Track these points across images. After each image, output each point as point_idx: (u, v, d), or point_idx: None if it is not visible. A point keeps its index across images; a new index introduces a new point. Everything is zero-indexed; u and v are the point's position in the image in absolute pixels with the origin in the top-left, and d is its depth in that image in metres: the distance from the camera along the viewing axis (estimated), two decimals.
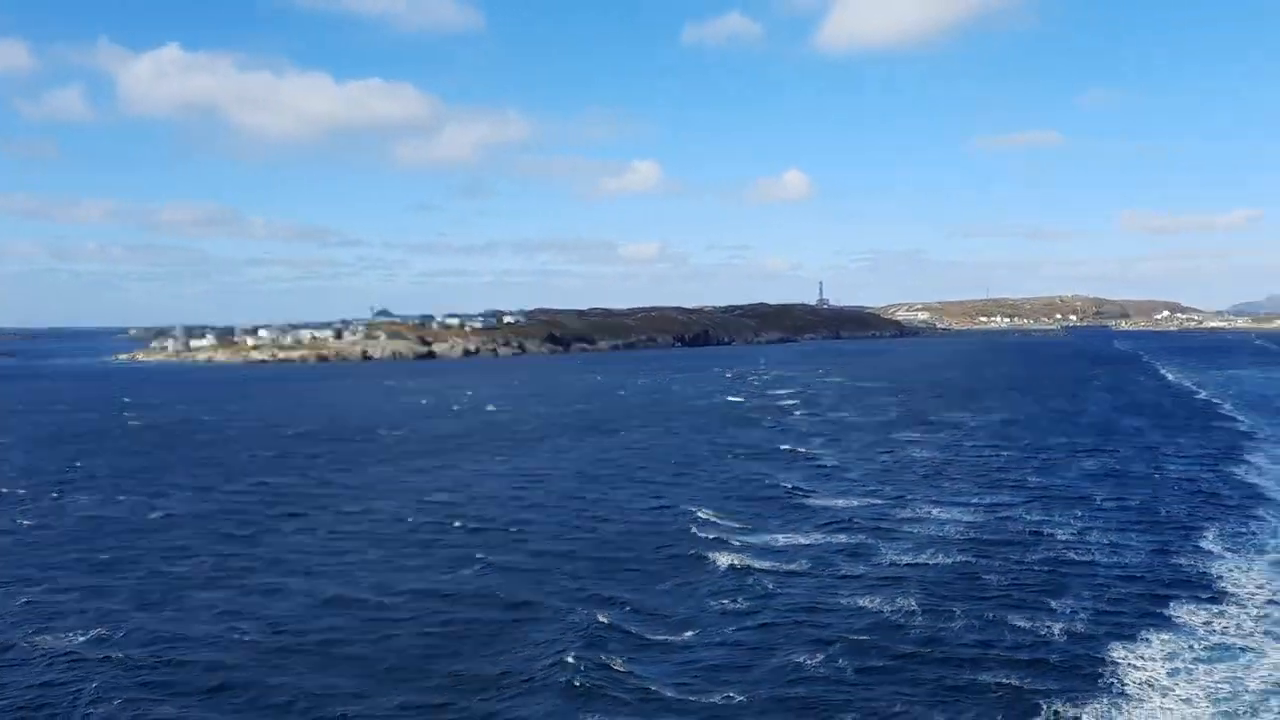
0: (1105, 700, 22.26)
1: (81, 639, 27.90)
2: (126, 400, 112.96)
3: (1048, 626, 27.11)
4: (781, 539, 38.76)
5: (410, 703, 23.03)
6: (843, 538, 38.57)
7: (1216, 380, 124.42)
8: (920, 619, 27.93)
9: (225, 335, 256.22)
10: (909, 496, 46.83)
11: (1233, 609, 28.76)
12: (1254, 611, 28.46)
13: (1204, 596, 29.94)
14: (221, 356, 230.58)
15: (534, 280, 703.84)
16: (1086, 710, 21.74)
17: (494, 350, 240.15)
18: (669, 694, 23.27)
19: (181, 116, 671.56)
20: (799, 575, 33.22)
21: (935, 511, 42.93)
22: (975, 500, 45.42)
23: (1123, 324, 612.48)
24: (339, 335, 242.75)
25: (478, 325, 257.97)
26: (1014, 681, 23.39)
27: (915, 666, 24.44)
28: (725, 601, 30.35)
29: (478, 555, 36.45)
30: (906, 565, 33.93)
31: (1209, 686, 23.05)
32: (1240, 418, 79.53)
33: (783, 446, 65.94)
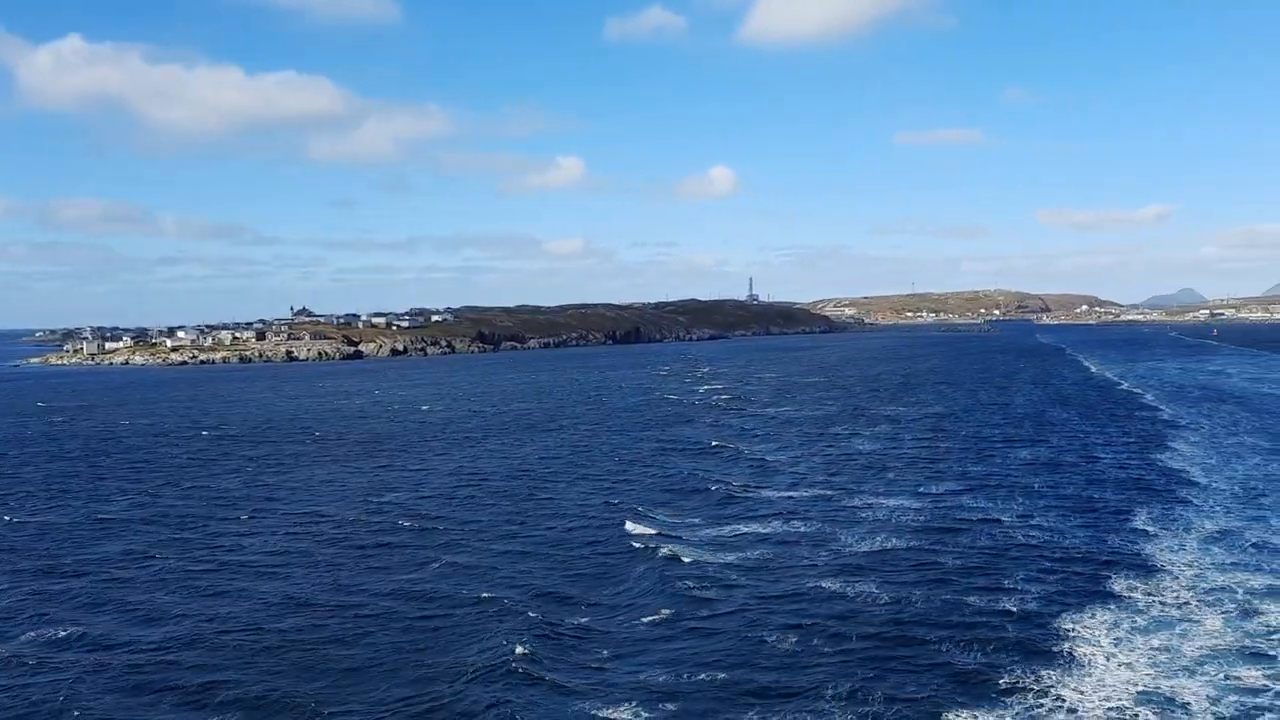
0: (1058, 668, 23.34)
1: (36, 644, 27.50)
2: (44, 406, 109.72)
3: (1001, 604, 28.20)
4: (734, 531, 39.56)
5: (368, 697, 23.15)
6: (799, 526, 39.52)
7: (1137, 372, 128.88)
8: (882, 601, 28.87)
9: (141, 337, 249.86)
10: (856, 487, 47.97)
11: (1167, 583, 30.17)
12: (1186, 585, 29.90)
13: (1140, 572, 31.34)
14: (140, 359, 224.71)
15: (458, 276, 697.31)
16: (1041, 677, 22.76)
17: (422, 350, 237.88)
18: (624, 680, 23.63)
19: (86, 110, 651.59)
20: (753, 565, 33.92)
21: (884, 501, 44.09)
22: (921, 489, 46.68)
23: (1044, 318, 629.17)
24: (262, 336, 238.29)
25: (405, 324, 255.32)
26: (976, 654, 24.44)
27: (880, 645, 25.28)
28: (672, 594, 30.80)
29: (426, 554, 36.51)
30: (863, 552, 34.87)
31: (1149, 653, 24.25)
32: (1162, 407, 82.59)
33: (725, 442, 66.72)
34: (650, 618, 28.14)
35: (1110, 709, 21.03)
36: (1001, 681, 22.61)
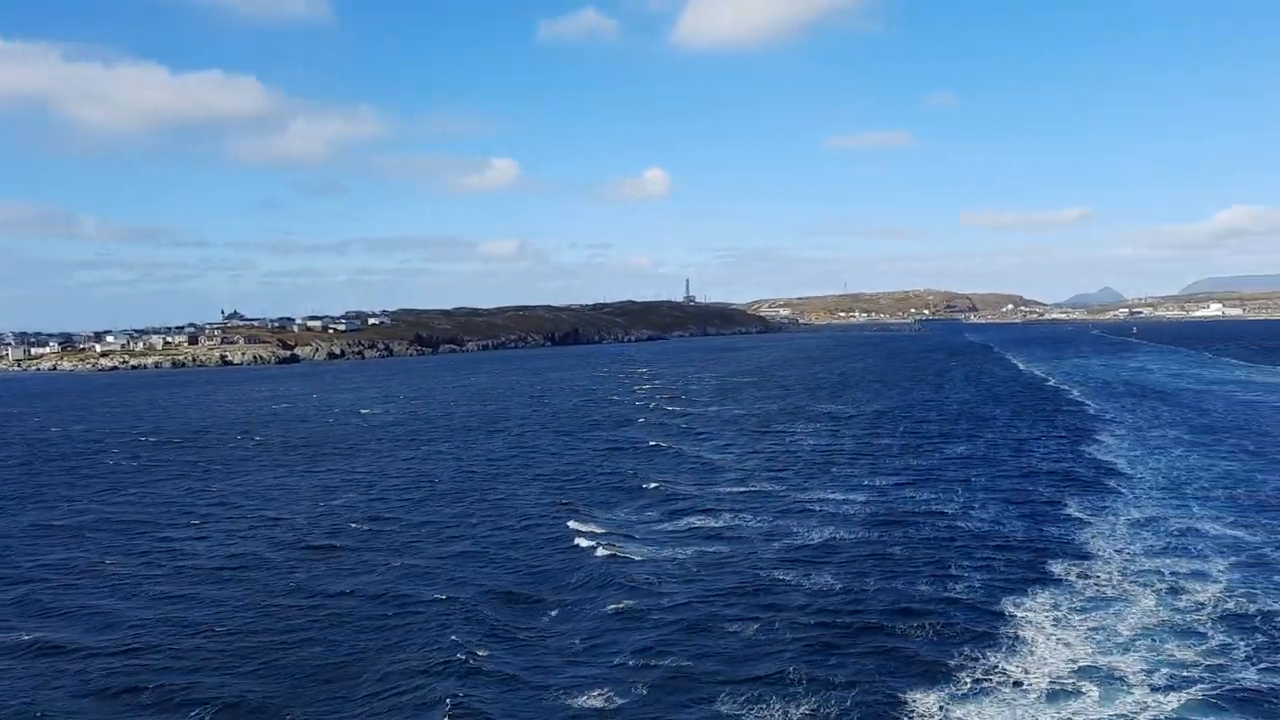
0: (1003, 647, 24.78)
1: None
2: None
3: (949, 589, 29.68)
4: (685, 525, 40.60)
5: (328, 696, 23.50)
6: (749, 520, 40.69)
7: (1063, 369, 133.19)
8: (836, 589, 30.14)
9: (67, 342, 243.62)
10: (803, 483, 49.41)
11: (1100, 567, 31.94)
12: (1118, 568, 31.69)
13: (1075, 558, 33.09)
14: (68, 364, 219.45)
15: (391, 279, 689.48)
16: (989, 656, 24.17)
17: (360, 353, 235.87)
18: (581, 673, 24.51)
19: (2, 110, 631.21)
20: (706, 559, 34.95)
21: (830, 495, 45.55)
22: (865, 483, 48.27)
23: (972, 317, 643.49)
24: (194, 340, 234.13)
25: (341, 328, 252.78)
26: (929, 637, 25.83)
27: (837, 631, 26.47)
28: (626, 588, 31.74)
29: (379, 556, 36.67)
30: (815, 544, 36.16)
31: (1087, 632, 25.81)
32: (1088, 402, 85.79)
33: (669, 442, 67.87)
34: (606, 610, 28.96)
35: (1053, 683, 22.46)
36: (952, 661, 23.96)
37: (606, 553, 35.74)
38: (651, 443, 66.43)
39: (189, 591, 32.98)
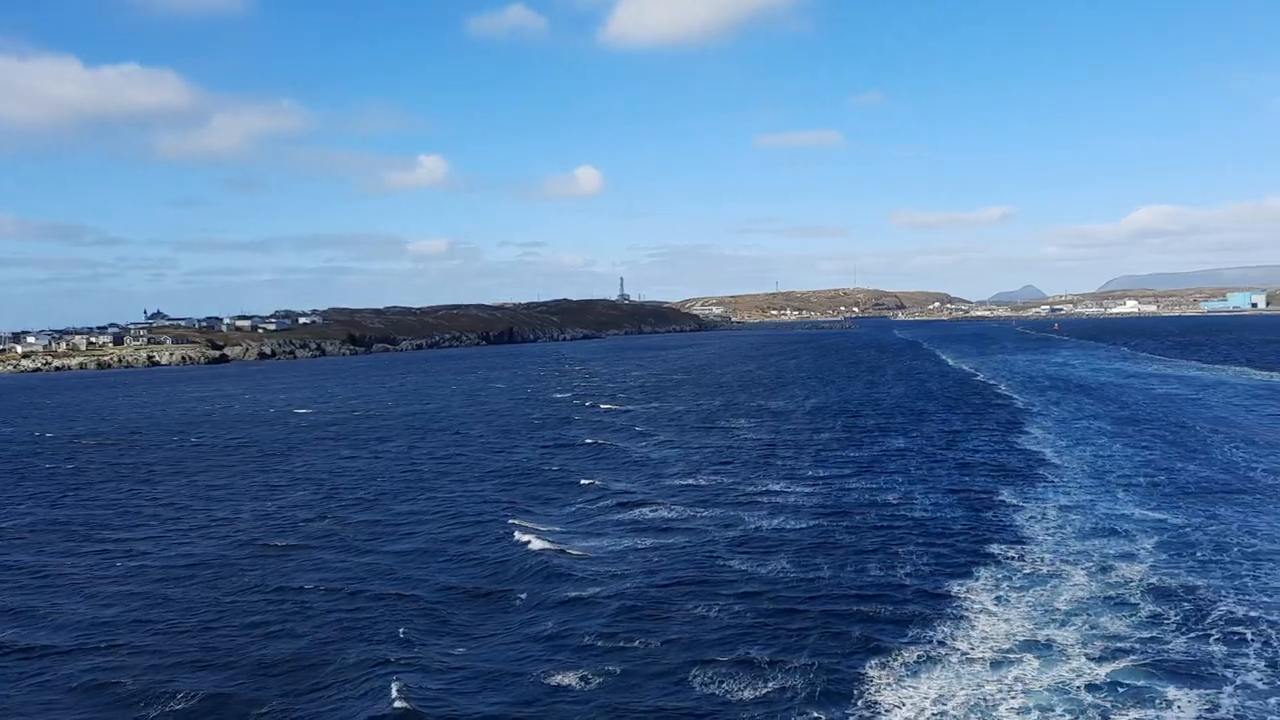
0: (950, 623, 26.33)
1: None
2: None
3: (898, 572, 31.25)
4: (636, 518, 41.66)
5: (279, 690, 23.89)
6: (701, 512, 41.92)
7: (990, 364, 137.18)
8: (792, 575, 31.50)
9: None
10: (749, 475, 50.84)
11: (1035, 549, 33.82)
12: (1051, 550, 33.60)
13: (1011, 541, 34.95)
14: None
15: (319, 278, 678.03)
16: (938, 631, 25.69)
17: (291, 353, 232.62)
18: (539, 662, 25.50)
19: None
20: (661, 549, 36.07)
21: (777, 486, 47.05)
22: (810, 475, 49.88)
23: (900, 315, 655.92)
24: (120, 341, 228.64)
25: (271, 327, 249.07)
26: (882, 614, 27.28)
27: (796, 613, 27.78)
28: (578, 580, 32.76)
29: (325, 555, 36.87)
30: (766, 532, 37.56)
31: (1025, 608, 27.51)
32: (1015, 396, 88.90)
33: (613, 439, 68.98)
34: (566, 597, 29.94)
35: (997, 654, 24.03)
36: (905, 637, 25.42)
37: (558, 546, 36.61)
38: (595, 440, 67.37)
39: (142, 591, 33.03)
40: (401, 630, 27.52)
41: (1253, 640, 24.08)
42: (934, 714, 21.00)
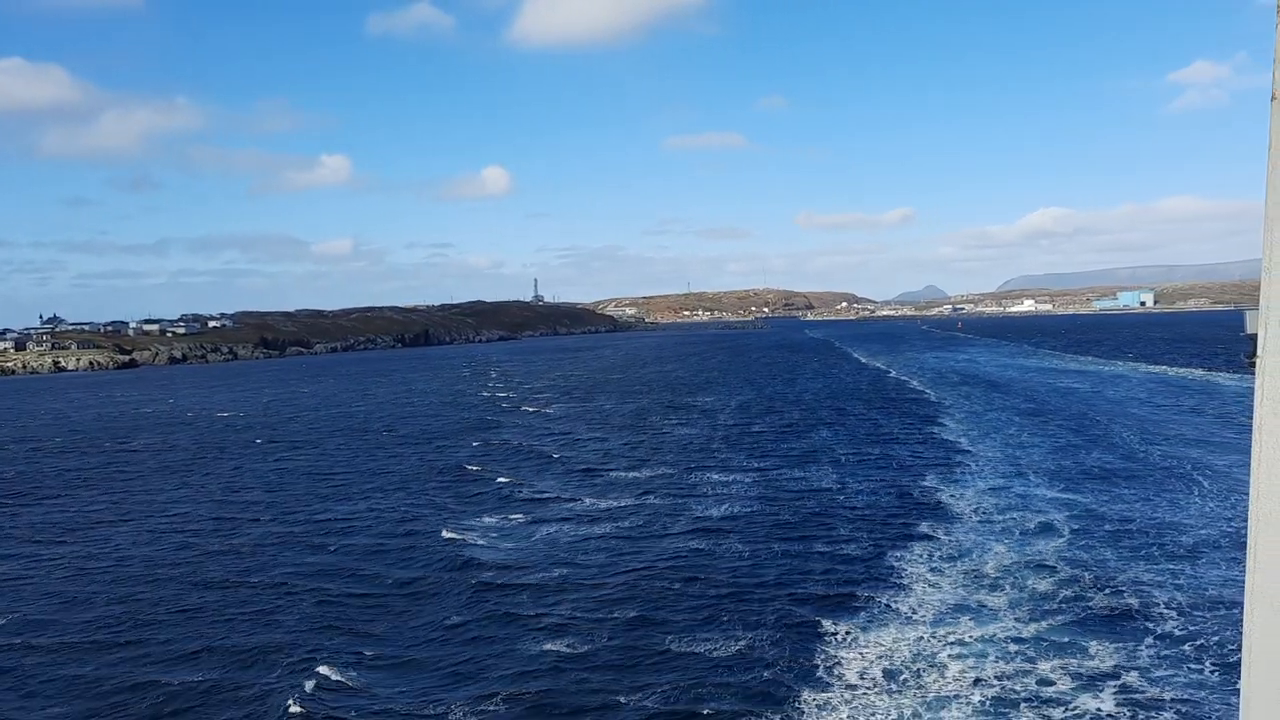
0: (892, 588, 29.17)
1: None
2: None
3: (841, 549, 34.05)
4: (592, 507, 43.76)
5: (203, 686, 24.08)
6: (650, 500, 44.33)
7: (901, 362, 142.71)
8: (745, 554, 34.04)
9: None
10: (689, 467, 53.41)
11: (961, 525, 37.03)
12: (975, 526, 36.84)
13: (939, 519, 38.11)
14: None
15: (216, 281, 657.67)
16: (882, 596, 28.46)
17: (203, 357, 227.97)
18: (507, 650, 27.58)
19: None
20: (620, 535, 38.26)
21: (717, 476, 49.71)
22: (748, 466, 52.66)
23: (809, 315, 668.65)
24: (21, 346, 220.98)
25: (181, 331, 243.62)
26: (832, 583, 29.97)
27: (755, 585, 30.25)
28: (557, 562, 34.83)
29: (266, 556, 37.30)
30: (716, 517, 40.13)
31: (957, 576, 30.49)
32: (928, 391, 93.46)
33: (551, 437, 70.90)
34: (552, 575, 32.00)
35: (937, 615, 26.84)
36: (855, 603, 28.10)
37: (489, 544, 38.59)
38: (528, 441, 69.21)
39: (74, 590, 33.15)
40: (325, 629, 27.72)
41: (1163, 599, 27.33)
42: (884, 665, 23.62)
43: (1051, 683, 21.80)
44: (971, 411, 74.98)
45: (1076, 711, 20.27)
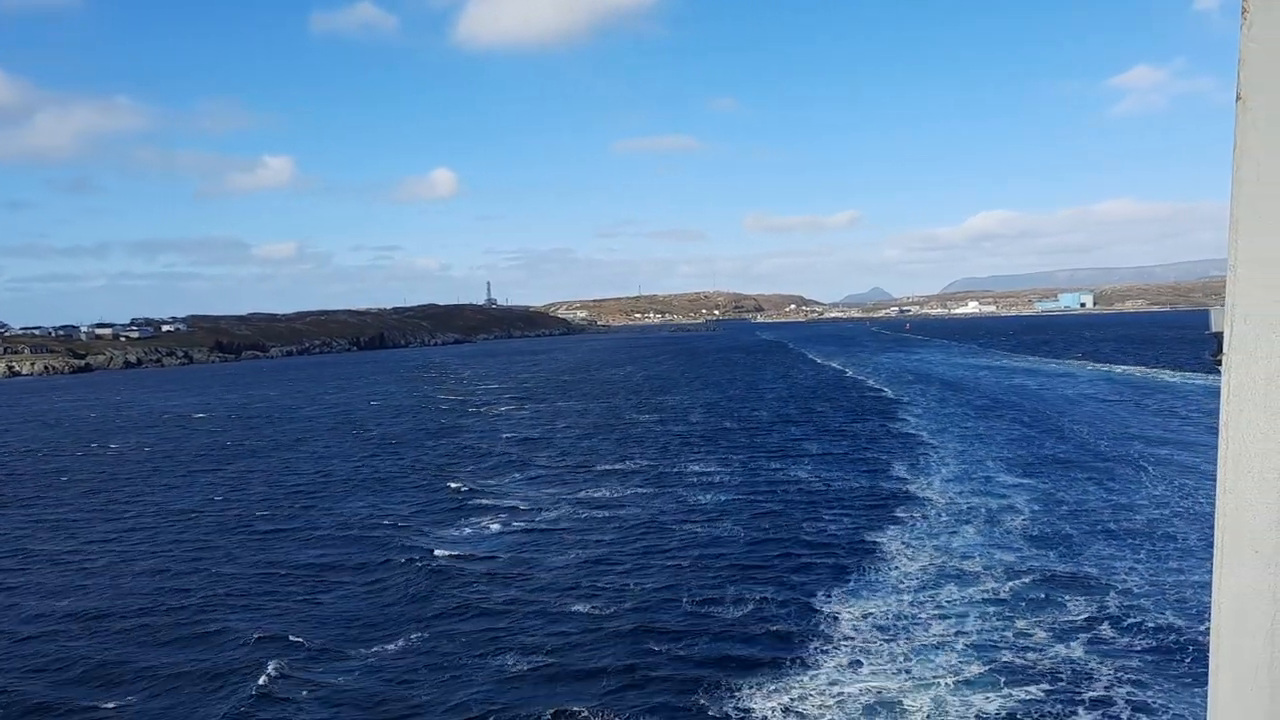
0: (878, 562, 32.26)
1: None
2: None
3: (826, 529, 37.21)
4: (585, 498, 46.45)
5: (156, 689, 24.25)
6: (641, 490, 47.05)
7: (856, 363, 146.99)
8: (741, 535, 36.98)
9: None
10: (673, 462, 56.30)
11: (929, 508, 40.35)
12: (943, 509, 40.14)
13: (911, 503, 41.40)
14: None
15: (159, 284, 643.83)
16: (870, 568, 31.54)
17: (158, 361, 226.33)
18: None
19: None
20: (620, 521, 41.01)
21: (701, 469, 52.71)
22: (728, 459, 55.74)
23: (759, 317, 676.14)
24: None
25: (135, 335, 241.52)
26: (822, 558, 33.05)
27: (752, 562, 33.18)
28: (570, 545, 37.50)
29: (243, 557, 39.71)
30: (709, 504, 43.10)
31: (933, 551, 33.66)
32: (885, 389, 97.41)
33: (527, 434, 73.42)
34: (569, 550, 34.67)
35: (916, 584, 29.96)
36: (847, 574, 31.19)
37: (476, 552, 41.24)
38: (510, 434, 71.72)
39: (48, 588, 35.42)
40: (290, 634, 27.70)
41: (1123, 568, 30.69)
42: (874, 623, 26.65)
43: (1028, 634, 24.99)
44: (928, 408, 78.81)
45: (1053, 657, 23.43)
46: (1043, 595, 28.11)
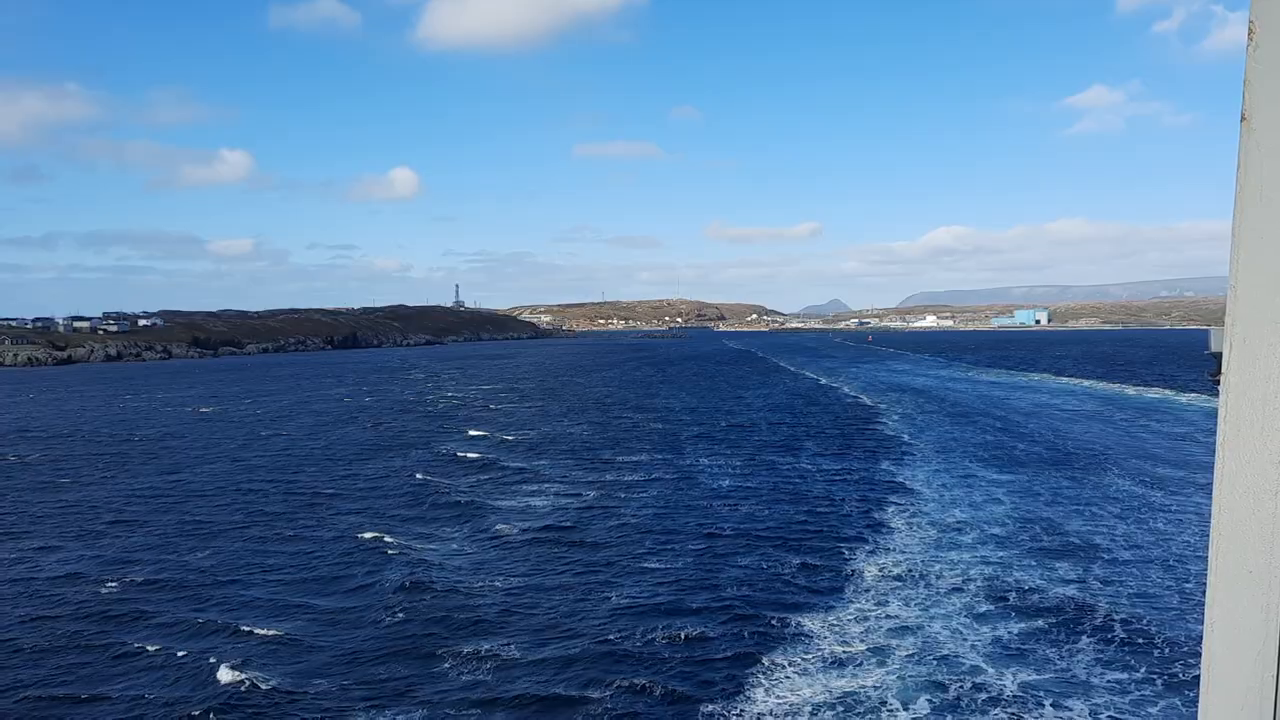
0: (885, 535, 38.39)
1: None
2: None
3: (838, 509, 43.39)
4: (602, 480, 52.22)
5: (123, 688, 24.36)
6: (663, 475, 52.88)
7: (829, 371, 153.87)
8: (768, 515, 43.00)
9: None
10: (679, 454, 62.17)
11: (921, 495, 46.63)
12: (932, 496, 46.44)
13: (902, 491, 47.70)
14: None
15: (110, 278, 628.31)
16: (880, 538, 37.66)
17: (138, 355, 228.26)
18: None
19: None
20: (642, 507, 46.83)
21: (710, 461, 58.68)
22: (732, 453, 61.77)
23: (721, 325, 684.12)
24: None
25: (113, 329, 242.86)
26: (837, 530, 39.15)
27: (779, 536, 39.20)
28: (612, 528, 43.39)
29: (242, 559, 45.00)
30: (726, 489, 49.03)
31: (929, 526, 39.90)
32: (862, 396, 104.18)
33: (536, 430, 78.94)
34: (611, 529, 40.44)
35: (923, 549, 36.16)
36: (864, 542, 37.34)
37: (591, 493, 47.00)
38: (525, 434, 77.28)
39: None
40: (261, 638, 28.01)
41: (1106, 539, 37.03)
42: (891, 573, 32.72)
43: (1026, 582, 31.25)
44: (905, 413, 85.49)
45: (1052, 599, 29.61)
46: (1035, 556, 34.49)
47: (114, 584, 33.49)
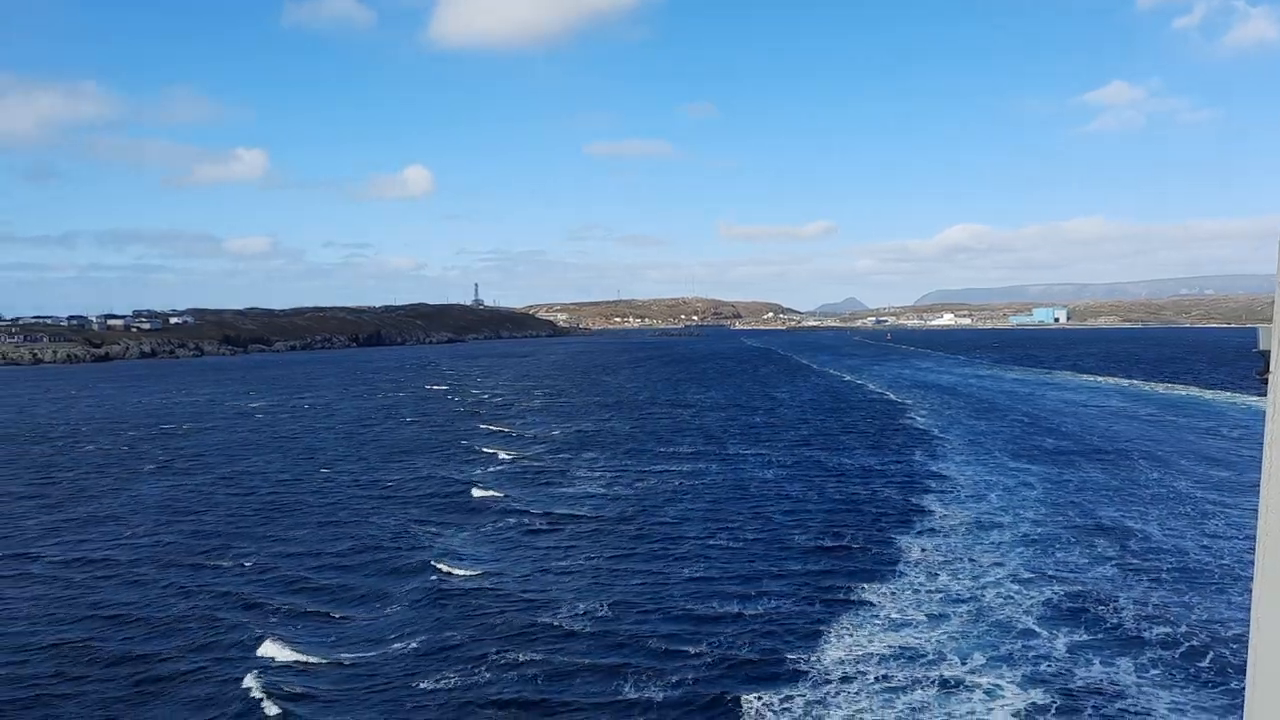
0: (928, 516, 41.22)
1: None
2: None
3: (880, 494, 46.36)
4: (650, 470, 55.22)
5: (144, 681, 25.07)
6: (709, 466, 55.86)
7: (850, 369, 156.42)
8: (817, 500, 45.97)
9: None
10: (720, 447, 65.13)
11: (957, 482, 49.44)
12: (966, 485, 49.19)
13: (939, 479, 50.50)
14: None
15: (129, 276, 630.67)
16: (924, 520, 40.49)
17: (171, 352, 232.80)
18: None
19: None
20: (686, 497, 49.82)
21: (750, 452, 61.70)
22: (774, 446, 64.70)
23: (737, 323, 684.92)
24: None
25: (145, 326, 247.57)
26: (883, 511, 42.16)
27: (834, 517, 42.16)
28: (623, 519, 46.42)
29: (263, 561, 48.37)
30: (769, 479, 52.02)
31: (969, 512, 42.65)
32: (888, 393, 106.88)
33: (584, 418, 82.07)
34: (658, 515, 43.46)
35: (963, 531, 38.97)
36: (912, 522, 40.25)
37: (617, 484, 50.08)
38: (547, 432, 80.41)
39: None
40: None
41: (1137, 528, 39.65)
42: (936, 553, 35.58)
43: (1066, 560, 34.04)
44: (932, 408, 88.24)
45: (1091, 573, 32.39)
46: (1072, 537, 37.32)
47: (228, 562, 36.85)
